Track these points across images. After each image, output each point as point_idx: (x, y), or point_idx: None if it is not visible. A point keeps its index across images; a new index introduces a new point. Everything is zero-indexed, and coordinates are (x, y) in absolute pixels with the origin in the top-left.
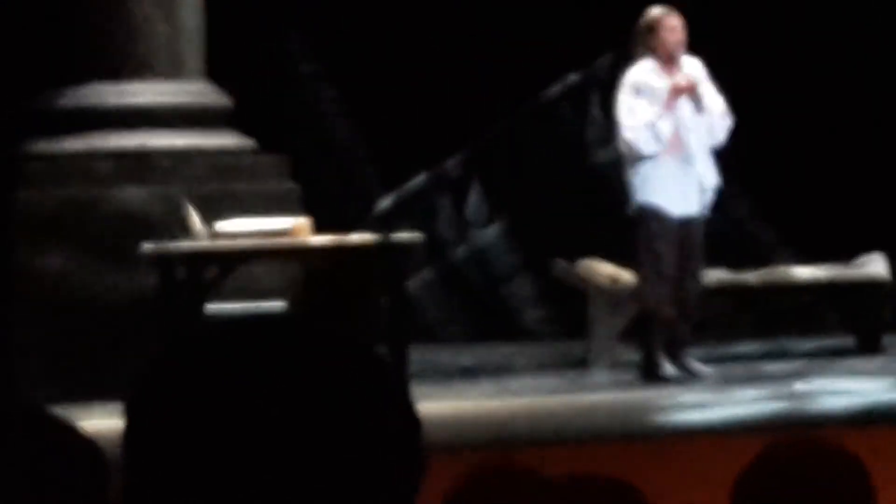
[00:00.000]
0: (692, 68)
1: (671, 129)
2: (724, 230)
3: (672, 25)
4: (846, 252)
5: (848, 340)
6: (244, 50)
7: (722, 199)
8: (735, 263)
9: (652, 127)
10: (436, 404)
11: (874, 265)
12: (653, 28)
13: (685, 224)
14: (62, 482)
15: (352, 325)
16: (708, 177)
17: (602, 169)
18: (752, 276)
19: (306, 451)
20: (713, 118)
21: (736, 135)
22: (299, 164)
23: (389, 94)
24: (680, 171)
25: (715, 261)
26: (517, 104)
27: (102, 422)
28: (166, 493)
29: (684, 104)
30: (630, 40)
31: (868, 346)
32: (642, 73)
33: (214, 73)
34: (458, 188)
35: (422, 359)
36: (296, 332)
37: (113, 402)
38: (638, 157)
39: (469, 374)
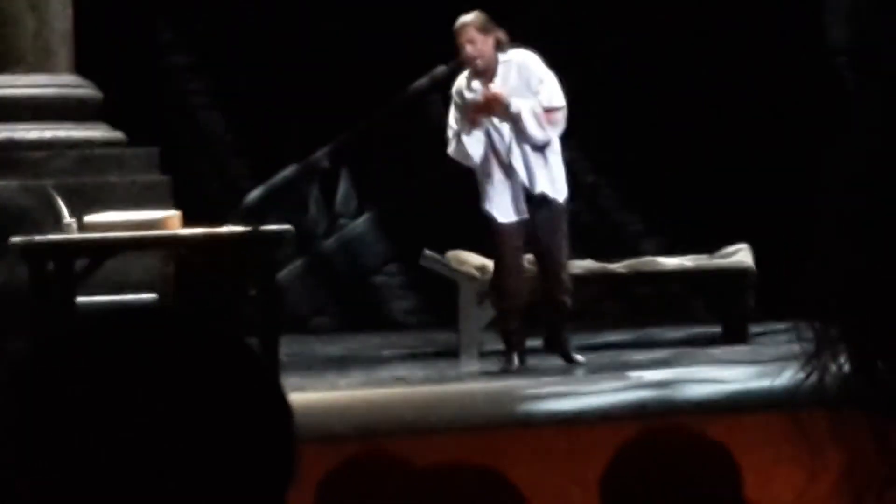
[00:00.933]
0: (517, 68)
1: (481, 142)
2: (592, 220)
3: (465, 39)
4: (713, 243)
5: (714, 329)
6: (114, 42)
7: (589, 190)
8: (603, 253)
9: (459, 142)
10: (306, 395)
11: (739, 255)
12: (456, 38)
13: (525, 224)
14: None
15: (222, 316)
16: (534, 183)
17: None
18: (619, 266)
19: (178, 444)
20: (527, 122)
21: (604, 126)
22: (169, 157)
23: (259, 85)
24: (505, 181)
25: (583, 250)
26: (386, 96)
27: None
28: (38, 486)
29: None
30: None
31: (734, 334)
32: (459, 84)
33: (84, 65)
34: (328, 179)
35: (292, 349)
36: (166, 323)
37: None
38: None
39: (339, 364)
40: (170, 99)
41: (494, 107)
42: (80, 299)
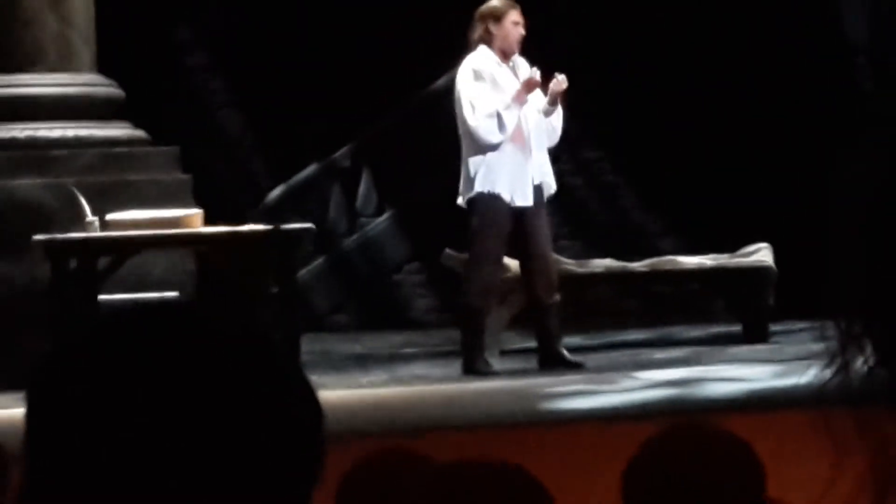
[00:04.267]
0: (525, 67)
1: (515, 121)
2: (612, 219)
3: (517, 19)
4: (732, 243)
5: (734, 328)
6: (134, 41)
7: (609, 189)
8: (622, 252)
9: (498, 116)
10: (327, 393)
11: (759, 254)
12: (500, 18)
13: (519, 215)
14: None
15: (244, 314)
16: (541, 174)
17: None
18: (639, 265)
19: (208, 440)
20: (553, 122)
21: (624, 126)
22: (190, 156)
23: (279, 85)
24: (519, 163)
25: (603, 249)
26: (406, 94)
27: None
28: (69, 481)
29: (530, 99)
30: (471, 28)
31: (754, 333)
32: (484, 61)
33: (105, 64)
34: (348, 178)
35: (312, 347)
36: (193, 319)
37: (7, 392)
38: (481, 147)
39: (360, 362)
40: (190, 98)
41: (533, 90)
42: (102, 297)
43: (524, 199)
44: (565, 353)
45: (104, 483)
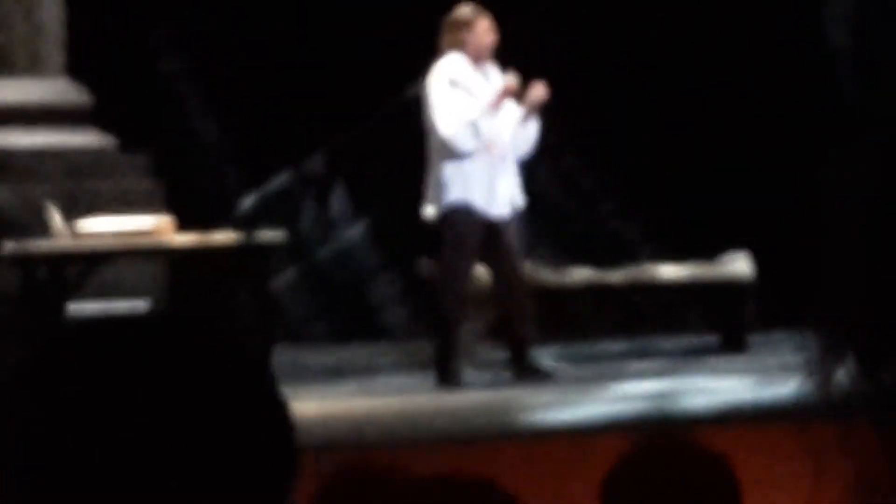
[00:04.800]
0: (496, 73)
1: (491, 128)
2: (589, 227)
3: (488, 26)
4: (710, 251)
5: (712, 339)
6: (106, 47)
7: (587, 197)
8: (599, 262)
9: (473, 124)
10: (300, 404)
11: (738, 263)
12: (469, 25)
13: (493, 225)
14: None
15: (216, 324)
16: (514, 184)
17: None
18: (616, 275)
19: (175, 452)
20: (529, 131)
21: (601, 132)
22: (162, 163)
23: (252, 92)
24: (493, 173)
25: (580, 257)
26: (380, 102)
27: None
28: (38, 491)
29: (504, 107)
30: (441, 34)
31: (731, 344)
32: (457, 67)
33: (77, 69)
34: (322, 187)
35: (285, 359)
36: (165, 329)
37: None
38: (455, 155)
39: (333, 373)
40: (163, 104)
41: (510, 97)
42: (72, 306)
43: (497, 209)
44: (538, 361)
45: (75, 491)
